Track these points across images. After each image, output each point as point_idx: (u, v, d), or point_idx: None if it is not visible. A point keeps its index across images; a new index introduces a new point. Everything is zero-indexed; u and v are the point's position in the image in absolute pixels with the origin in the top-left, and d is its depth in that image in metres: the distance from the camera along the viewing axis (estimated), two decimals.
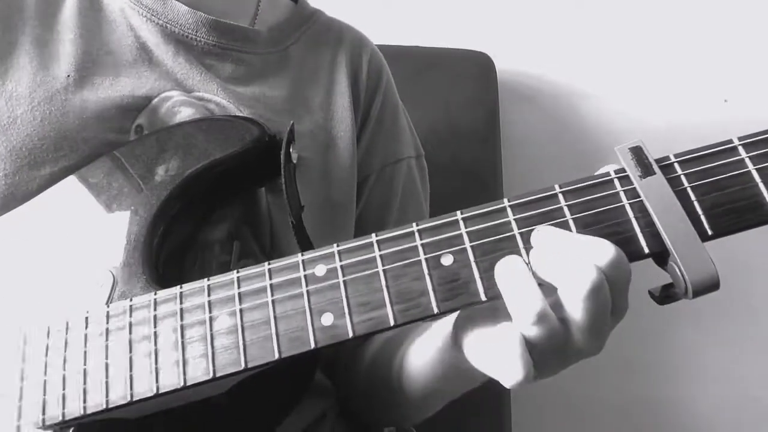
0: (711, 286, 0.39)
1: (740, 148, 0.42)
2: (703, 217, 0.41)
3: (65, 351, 0.45)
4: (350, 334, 0.41)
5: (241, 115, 0.60)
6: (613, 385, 1.10)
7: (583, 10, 1.12)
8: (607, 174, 0.43)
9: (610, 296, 0.40)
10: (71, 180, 0.53)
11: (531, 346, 0.40)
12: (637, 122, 1.11)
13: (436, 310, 0.41)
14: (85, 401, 0.43)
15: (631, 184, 0.42)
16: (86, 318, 0.45)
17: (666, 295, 0.43)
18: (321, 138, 0.66)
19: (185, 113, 0.59)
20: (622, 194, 0.42)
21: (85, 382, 0.43)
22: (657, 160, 0.42)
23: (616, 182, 0.42)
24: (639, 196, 0.41)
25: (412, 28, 1.12)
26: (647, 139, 0.43)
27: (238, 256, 0.57)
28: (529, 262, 0.41)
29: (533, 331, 0.39)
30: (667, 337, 1.12)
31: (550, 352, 0.40)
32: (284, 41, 0.70)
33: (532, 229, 0.42)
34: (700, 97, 1.11)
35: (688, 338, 1.13)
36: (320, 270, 0.43)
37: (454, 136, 0.81)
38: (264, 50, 0.67)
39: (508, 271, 0.40)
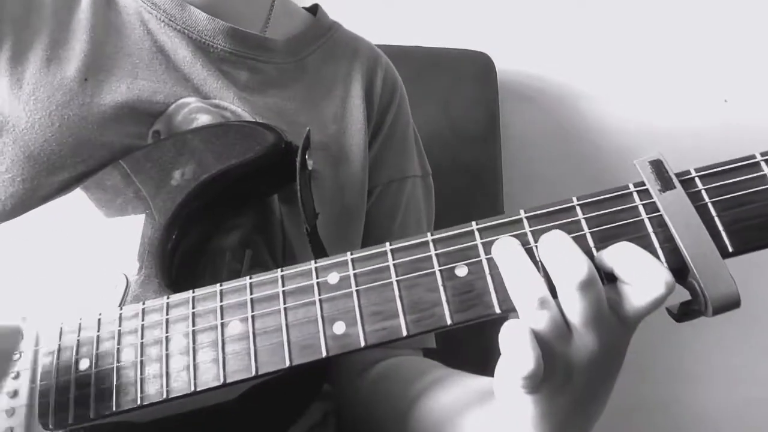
0: (731, 304, 0.38)
1: (763, 164, 0.41)
2: (723, 233, 0.40)
3: (77, 353, 0.45)
4: (362, 344, 0.41)
5: (258, 121, 0.59)
6: (617, 388, 1.07)
7: (584, 10, 1.11)
8: (626, 187, 0.42)
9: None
10: (88, 183, 0.53)
11: (537, 337, 0.39)
12: (636, 122, 1.09)
13: (449, 322, 0.41)
14: (95, 405, 0.43)
15: (651, 197, 0.41)
16: (99, 320, 0.46)
17: (684, 312, 0.42)
18: (334, 150, 0.66)
19: (202, 120, 0.58)
20: (641, 208, 0.41)
21: (95, 386, 0.43)
22: (677, 174, 0.42)
23: (636, 195, 0.42)
24: (658, 211, 0.41)
25: (412, 28, 1.12)
26: (647, 139, 0.43)
27: (250, 264, 0.56)
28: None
29: (536, 319, 0.39)
30: (670, 339, 1.10)
31: (555, 341, 0.39)
32: (301, 52, 0.69)
33: None
34: (700, 97, 1.10)
35: (692, 341, 1.12)
36: (333, 278, 0.43)
37: (454, 136, 0.81)
38: (280, 60, 0.67)
39: (508, 255, 0.40)
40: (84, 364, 0.44)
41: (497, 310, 0.41)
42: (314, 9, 0.76)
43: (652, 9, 1.10)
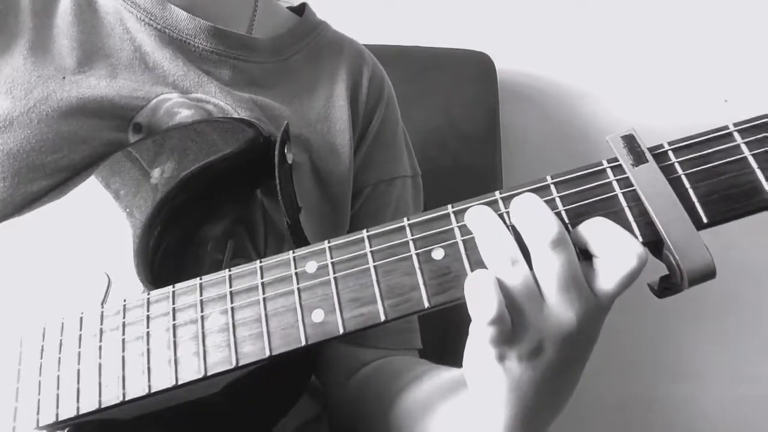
0: (707, 274, 0.38)
1: (735, 134, 0.41)
2: (697, 205, 0.40)
3: (60, 352, 0.45)
4: (341, 330, 0.41)
5: (236, 116, 0.60)
6: (614, 385, 1.09)
7: (584, 10, 1.12)
8: (600, 163, 0.42)
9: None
10: (68, 184, 0.54)
11: (506, 294, 0.39)
12: (636, 122, 1.08)
13: (426, 305, 0.41)
14: (78, 402, 0.43)
15: (624, 173, 0.41)
16: (81, 319, 0.46)
17: (664, 287, 0.42)
18: (317, 147, 0.66)
19: (184, 114, 0.58)
20: (614, 183, 0.41)
21: (78, 383, 0.43)
22: (650, 148, 0.42)
23: (609, 171, 0.42)
24: (632, 185, 0.41)
25: (412, 28, 1.12)
26: (647, 140, 0.43)
27: (231, 255, 0.56)
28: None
29: (507, 277, 0.39)
30: (669, 336, 1.10)
31: (526, 301, 0.39)
32: (285, 51, 0.69)
33: None
34: (700, 97, 1.10)
35: (691, 337, 1.12)
36: (311, 267, 0.43)
37: (454, 136, 0.81)
38: (264, 59, 0.67)
39: (481, 219, 0.41)
40: (67, 363, 0.44)
41: None
42: (301, 9, 0.75)
43: (652, 9, 1.10)
